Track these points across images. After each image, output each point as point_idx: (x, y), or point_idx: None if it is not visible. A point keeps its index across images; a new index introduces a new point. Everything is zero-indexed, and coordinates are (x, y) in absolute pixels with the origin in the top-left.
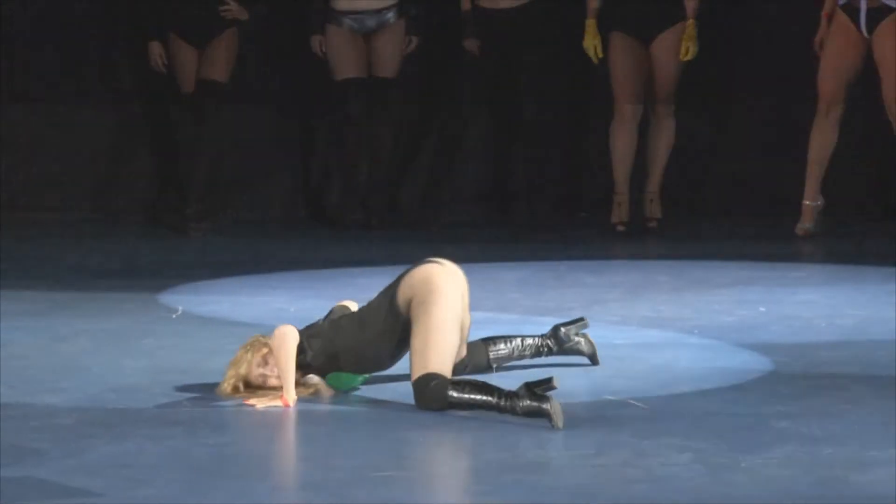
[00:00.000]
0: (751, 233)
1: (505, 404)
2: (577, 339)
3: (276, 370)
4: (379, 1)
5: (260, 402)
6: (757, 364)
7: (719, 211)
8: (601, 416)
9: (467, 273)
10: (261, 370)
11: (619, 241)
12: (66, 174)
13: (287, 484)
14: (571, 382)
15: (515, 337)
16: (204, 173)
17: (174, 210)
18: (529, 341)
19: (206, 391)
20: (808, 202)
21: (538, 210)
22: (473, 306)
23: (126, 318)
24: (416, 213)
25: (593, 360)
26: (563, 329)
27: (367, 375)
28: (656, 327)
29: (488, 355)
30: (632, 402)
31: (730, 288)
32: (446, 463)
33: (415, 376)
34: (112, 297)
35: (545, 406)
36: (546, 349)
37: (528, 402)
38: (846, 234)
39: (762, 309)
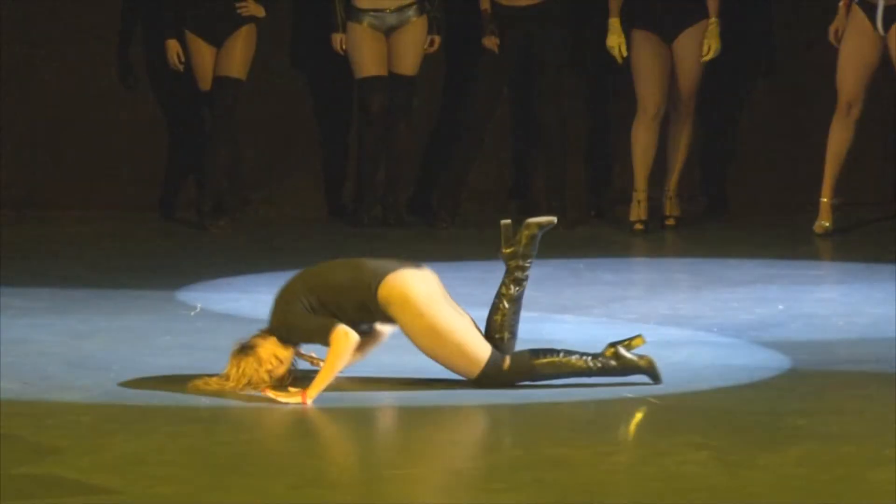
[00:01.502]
0: (769, 231)
1: (594, 364)
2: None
3: (274, 362)
4: None
5: (278, 396)
6: (775, 362)
7: (738, 209)
8: (619, 413)
9: (487, 271)
10: (265, 369)
11: (638, 239)
12: (84, 171)
13: (305, 482)
14: (589, 380)
15: (563, 352)
16: (222, 170)
17: (192, 207)
18: (578, 361)
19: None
20: (825, 200)
21: (558, 209)
22: (487, 304)
23: (144, 316)
24: (434, 212)
25: (653, 377)
26: (619, 347)
27: None
28: (675, 325)
29: (530, 364)
30: (650, 399)
31: (748, 286)
32: (464, 460)
33: (476, 375)
34: (130, 294)
35: (642, 362)
36: (601, 367)
37: (622, 358)
38: (864, 232)
39: (780, 307)
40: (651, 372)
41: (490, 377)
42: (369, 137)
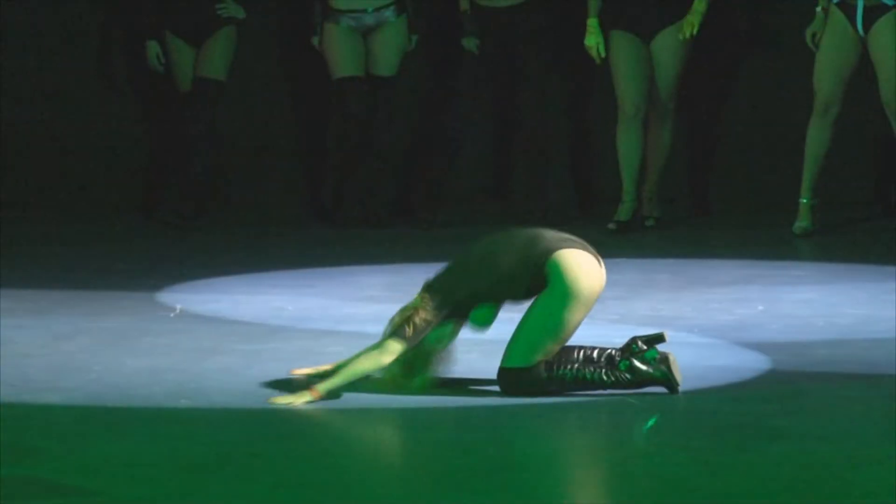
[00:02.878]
0: (749, 231)
1: (607, 378)
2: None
3: (418, 317)
4: None
5: (293, 400)
6: (755, 363)
7: (718, 209)
8: (599, 414)
9: None
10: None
11: (619, 239)
12: (64, 172)
13: (287, 483)
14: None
15: (579, 363)
16: (202, 171)
17: (172, 208)
18: (592, 374)
19: (206, 389)
20: (804, 200)
21: (539, 210)
22: None
23: (125, 317)
24: (415, 212)
25: (670, 387)
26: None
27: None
28: (655, 326)
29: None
30: (629, 400)
31: (728, 286)
32: (445, 461)
33: (511, 363)
34: (111, 295)
35: (657, 372)
36: (611, 383)
37: (636, 371)
38: (844, 233)
39: (760, 308)
40: (667, 383)
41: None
42: (348, 138)
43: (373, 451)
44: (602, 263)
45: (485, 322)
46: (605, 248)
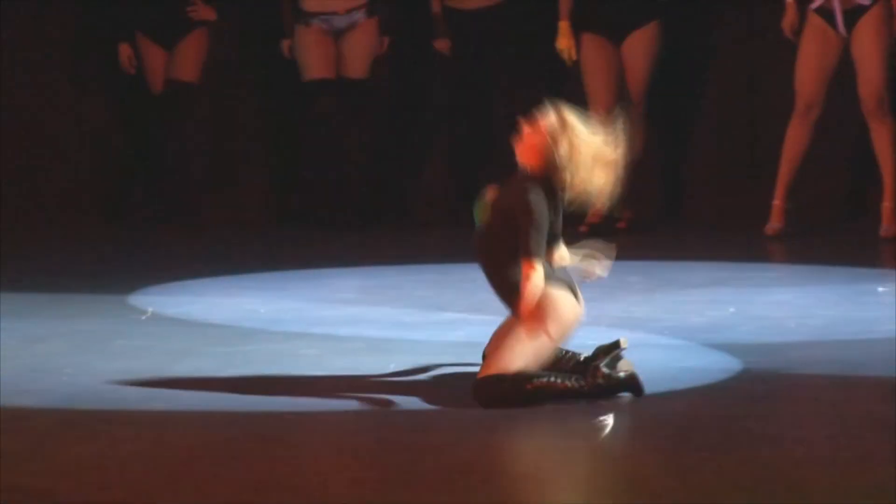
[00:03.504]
0: (721, 233)
1: (581, 385)
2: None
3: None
4: (349, 1)
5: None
6: (727, 364)
7: (690, 211)
8: (570, 416)
9: (440, 273)
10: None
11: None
12: (34, 175)
13: (258, 484)
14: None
15: (554, 375)
16: (174, 173)
17: (142, 210)
18: (567, 383)
19: (178, 392)
20: (778, 202)
21: None
22: (445, 307)
23: (97, 320)
24: (387, 213)
25: (636, 391)
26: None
27: None
28: (627, 328)
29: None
30: (598, 402)
31: (700, 288)
32: (416, 463)
33: (489, 372)
34: (83, 298)
35: (626, 379)
36: (586, 391)
37: (609, 378)
38: (816, 235)
39: (732, 309)
40: (633, 387)
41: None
42: (318, 140)
43: (346, 454)
44: (580, 300)
45: None
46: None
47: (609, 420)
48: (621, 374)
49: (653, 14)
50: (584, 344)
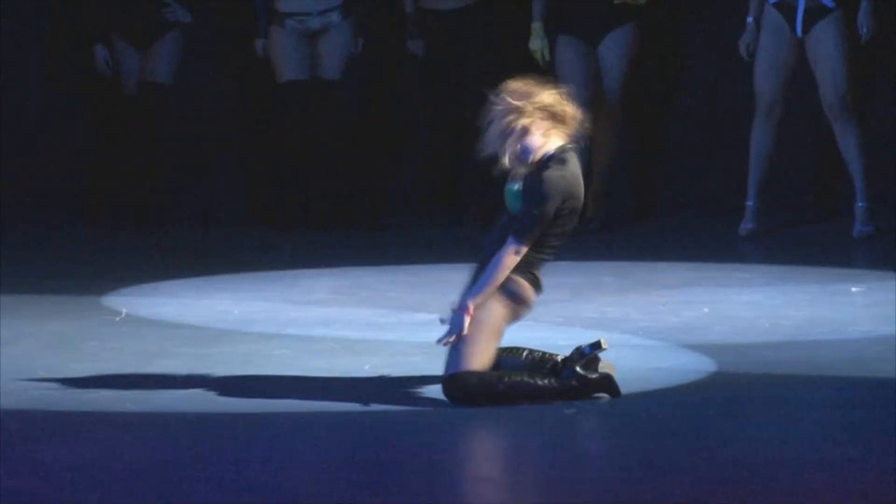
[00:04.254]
0: (694, 234)
1: (554, 385)
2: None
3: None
4: (323, 2)
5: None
6: (701, 365)
7: (663, 212)
8: (545, 417)
9: (414, 275)
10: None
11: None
12: (6, 176)
13: (236, 487)
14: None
15: (526, 373)
16: (147, 175)
17: (116, 211)
18: (539, 383)
19: (151, 394)
20: (750, 203)
21: (486, 212)
22: (419, 308)
23: (70, 321)
24: (360, 214)
25: (612, 392)
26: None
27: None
28: (601, 328)
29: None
30: (566, 410)
31: (673, 289)
32: (389, 465)
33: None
34: (55, 299)
35: (602, 381)
36: (559, 391)
37: (582, 378)
38: (789, 235)
39: (706, 310)
40: (609, 388)
41: (459, 388)
42: (291, 141)
43: (320, 454)
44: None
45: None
46: None
47: (583, 420)
48: (595, 375)
49: (629, 15)
50: (558, 345)
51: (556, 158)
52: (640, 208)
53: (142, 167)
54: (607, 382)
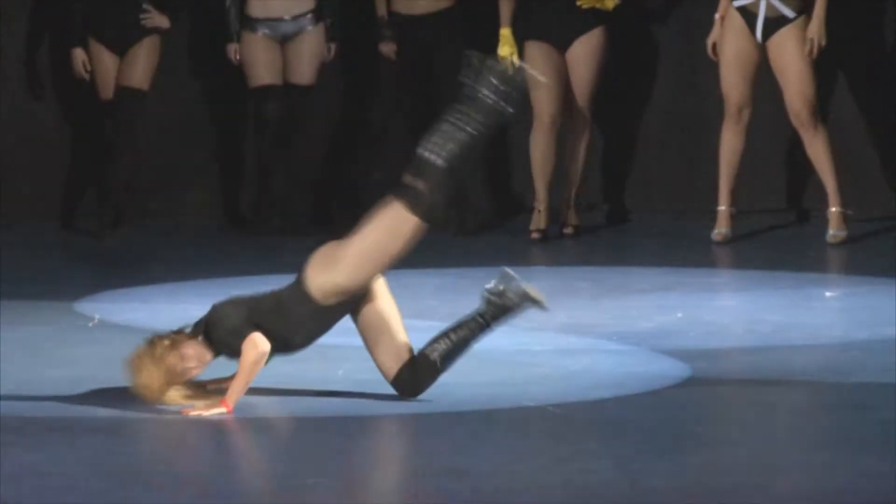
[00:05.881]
0: (668, 239)
1: (482, 321)
2: (510, 296)
3: (192, 361)
4: (295, 7)
5: (203, 410)
6: (675, 370)
7: (637, 217)
8: (519, 422)
9: (388, 279)
10: (182, 366)
11: (538, 248)
12: None
13: (210, 492)
14: (489, 391)
15: (452, 328)
16: (122, 180)
17: (90, 216)
18: (464, 326)
19: (124, 399)
20: (722, 207)
21: (456, 217)
22: None
23: (42, 327)
24: (334, 219)
25: (539, 305)
26: (489, 293)
27: None
28: (574, 333)
29: (430, 359)
30: (550, 408)
31: (648, 294)
32: (366, 469)
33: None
34: (27, 305)
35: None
36: (485, 319)
37: (503, 298)
38: (762, 240)
39: (680, 315)
40: (530, 299)
41: (409, 389)
42: (264, 147)
43: (296, 460)
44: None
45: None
46: (523, 258)
47: (559, 425)
48: (513, 297)
49: (598, 20)
50: (532, 350)
51: None
52: (612, 213)
53: (117, 172)
54: (527, 296)
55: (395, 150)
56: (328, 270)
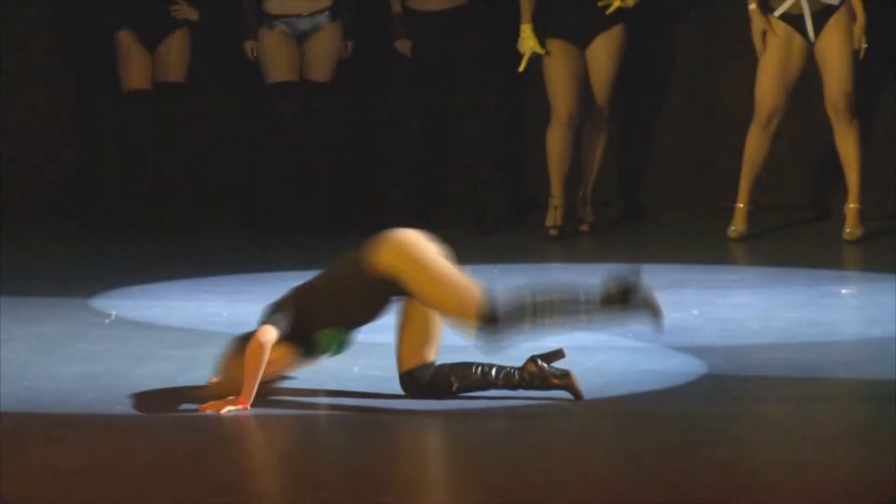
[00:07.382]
0: (683, 235)
1: (513, 379)
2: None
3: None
4: (313, 4)
5: (220, 407)
6: (690, 367)
7: (652, 213)
8: (535, 418)
9: None
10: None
11: (553, 244)
12: None
13: (224, 488)
14: (511, 394)
15: (486, 364)
16: (138, 176)
17: (111, 213)
18: (501, 371)
19: (140, 396)
20: (740, 205)
21: (474, 215)
22: None
23: (59, 324)
24: (349, 217)
25: (575, 393)
26: (539, 361)
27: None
28: (589, 330)
29: (450, 379)
30: (565, 404)
31: (663, 290)
32: (378, 467)
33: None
34: (44, 301)
35: (563, 380)
36: (521, 380)
37: (543, 373)
38: (778, 237)
39: (695, 312)
40: (571, 389)
41: (413, 389)
42: (279, 144)
43: (309, 457)
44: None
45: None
46: (538, 254)
47: (573, 422)
48: (556, 374)
49: (618, 17)
50: (546, 346)
51: None
52: (628, 210)
53: (145, 167)
54: (566, 381)
55: (411, 147)
56: (398, 259)
